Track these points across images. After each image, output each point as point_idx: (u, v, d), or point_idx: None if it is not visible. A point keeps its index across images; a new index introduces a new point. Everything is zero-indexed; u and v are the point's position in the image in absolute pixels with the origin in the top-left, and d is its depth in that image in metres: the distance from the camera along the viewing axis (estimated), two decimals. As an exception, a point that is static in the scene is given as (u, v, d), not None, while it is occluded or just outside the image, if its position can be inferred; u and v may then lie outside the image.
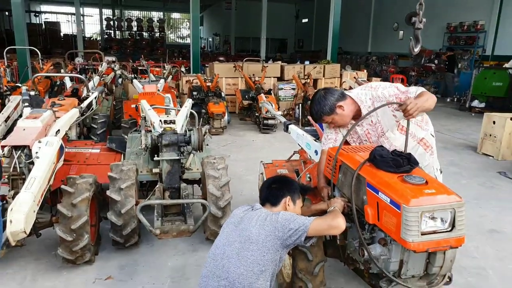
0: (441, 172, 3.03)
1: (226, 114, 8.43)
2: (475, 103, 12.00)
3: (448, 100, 14.04)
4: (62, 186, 3.22)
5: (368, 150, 2.51)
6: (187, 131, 3.88)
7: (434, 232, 2.01)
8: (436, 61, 16.09)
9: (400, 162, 2.22)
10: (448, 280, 2.36)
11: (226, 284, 2.00)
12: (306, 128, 3.95)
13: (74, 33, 27.44)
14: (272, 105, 6.54)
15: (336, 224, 2.15)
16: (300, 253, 2.53)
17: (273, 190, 2.38)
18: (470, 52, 15.22)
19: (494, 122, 7.05)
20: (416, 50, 2.67)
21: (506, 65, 11.31)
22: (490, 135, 7.14)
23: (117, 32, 31.70)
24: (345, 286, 3.20)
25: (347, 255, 2.60)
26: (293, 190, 2.40)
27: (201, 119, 8.26)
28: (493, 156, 7.05)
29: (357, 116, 2.77)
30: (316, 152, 3.31)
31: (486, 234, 4.18)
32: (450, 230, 2.03)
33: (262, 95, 8.63)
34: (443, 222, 2.02)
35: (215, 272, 2.07)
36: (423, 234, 1.97)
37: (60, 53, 18.55)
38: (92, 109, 5.56)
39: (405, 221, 1.94)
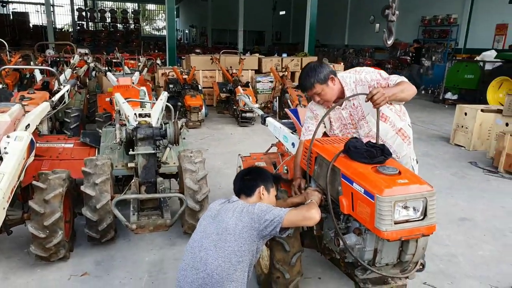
0: (417, 162, 3.10)
1: (204, 107, 8.38)
2: (448, 95, 12.28)
3: (423, 92, 14.33)
4: (34, 182, 3.14)
5: (343, 142, 2.54)
6: (163, 124, 3.83)
7: (407, 221, 2.05)
8: (410, 54, 16.38)
9: (374, 153, 2.25)
10: (421, 267, 2.42)
11: (205, 276, 2.01)
12: (283, 121, 3.96)
13: (44, 24, 26.62)
14: (249, 98, 6.54)
15: (310, 215, 2.18)
16: (277, 244, 2.55)
17: (247, 181, 2.40)
18: (444, 45, 15.56)
19: (465, 114, 7.24)
20: (390, 42, 2.71)
21: (477, 58, 11.61)
22: (462, 126, 7.33)
23: (90, 23, 30.94)
24: (322, 276, 3.24)
25: (324, 245, 2.64)
26: (266, 179, 2.42)
27: (177, 112, 8.18)
28: (464, 147, 7.25)
29: (340, 98, 2.78)
30: (293, 144, 3.33)
31: (457, 222, 4.30)
32: (422, 219, 2.07)
33: (240, 87, 8.60)
34: (415, 211, 2.06)
35: (193, 264, 2.07)
36: (396, 223, 2.00)
37: (29, 45, 17.98)
38: (64, 102, 5.43)
39: (378, 211, 1.97)
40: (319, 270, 3.30)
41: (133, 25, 31.54)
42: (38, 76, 7.69)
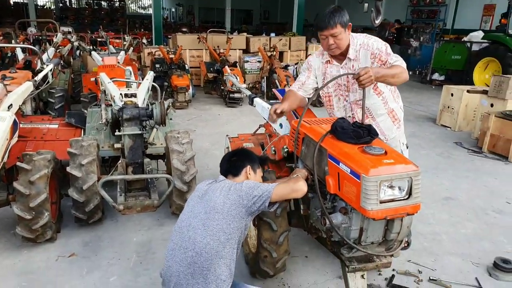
0: (407, 147, 3.11)
1: (191, 87, 8.28)
2: (436, 76, 12.34)
3: (410, 73, 14.34)
4: (18, 163, 3.10)
5: (330, 122, 2.55)
6: (149, 104, 3.79)
7: (392, 200, 2.06)
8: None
9: (361, 134, 2.26)
10: (406, 245, 2.47)
11: (193, 254, 2.02)
12: (271, 101, 3.94)
13: (25, 1, 25.81)
14: (236, 78, 6.48)
15: (298, 187, 2.22)
16: (264, 223, 2.57)
17: (233, 162, 2.41)
18: (432, 26, 15.55)
19: (452, 95, 7.30)
20: (377, 21, 2.70)
21: (465, 39, 11.64)
22: (448, 107, 7.41)
23: (73, 0, 30.13)
24: (308, 255, 3.30)
25: (310, 224, 2.67)
26: (253, 160, 2.44)
27: (164, 92, 8.08)
28: (450, 127, 7.34)
29: (342, 55, 2.78)
30: (281, 125, 3.32)
31: (441, 201, 4.39)
32: (407, 198, 2.09)
33: (227, 67, 8.51)
34: (400, 190, 2.08)
35: (181, 244, 2.08)
36: (381, 202, 2.02)
37: (10, 23, 17.44)
38: (48, 82, 5.32)
39: (364, 190, 1.98)
40: (306, 249, 3.35)
41: (118, 3, 30.84)
42: (20, 55, 7.48)
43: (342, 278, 2.75)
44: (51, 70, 5.51)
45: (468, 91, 7.09)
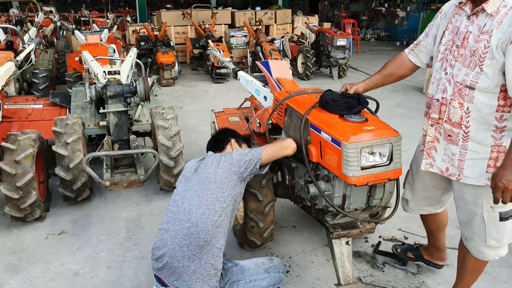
0: (501, 218, 2.02)
1: (177, 64, 8.19)
2: (423, 46, 12.27)
3: (398, 44, 14.30)
4: (3, 143, 3.09)
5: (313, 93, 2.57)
6: (133, 81, 3.76)
7: (374, 166, 2.09)
8: (386, 5, 16.18)
9: (352, 104, 2.25)
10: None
11: (189, 226, 2.03)
12: (255, 74, 3.91)
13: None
14: (220, 52, 6.42)
15: (287, 144, 2.30)
16: (250, 194, 2.61)
17: (218, 140, 2.51)
18: (418, -5, 15.40)
19: (438, 64, 7.30)
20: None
21: (452, 7, 11.52)
22: (434, 76, 7.42)
23: (54, -21, 29.20)
24: (296, 224, 3.36)
25: (296, 194, 2.70)
26: (237, 135, 2.53)
27: (148, 69, 7.99)
28: (436, 97, 7.37)
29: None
30: (265, 98, 3.30)
31: (427, 168, 4.44)
32: (388, 164, 2.12)
33: (210, 41, 8.40)
34: (381, 156, 2.10)
35: (176, 217, 2.10)
36: (363, 168, 2.05)
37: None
38: (31, 62, 5.24)
39: (345, 157, 2.01)
40: (294, 219, 3.41)
41: (100, -20, 29.96)
42: (2, 36, 7.32)
43: (329, 246, 2.82)
44: (33, 49, 5.42)
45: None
